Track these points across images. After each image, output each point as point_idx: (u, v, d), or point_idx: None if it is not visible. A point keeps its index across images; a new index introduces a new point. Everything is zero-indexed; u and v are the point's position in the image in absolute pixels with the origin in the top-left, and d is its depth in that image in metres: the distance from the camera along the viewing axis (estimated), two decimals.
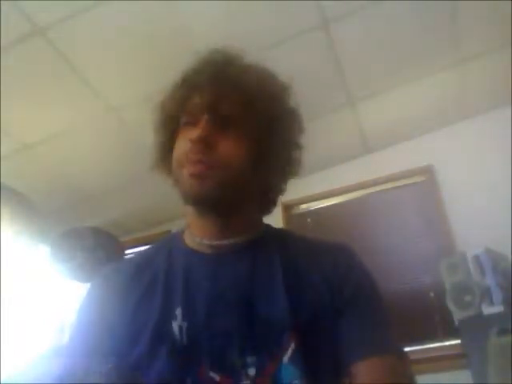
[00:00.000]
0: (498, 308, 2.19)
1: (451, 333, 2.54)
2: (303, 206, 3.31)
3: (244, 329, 0.69)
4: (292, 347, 0.67)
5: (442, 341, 2.66)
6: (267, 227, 0.86)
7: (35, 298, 3.08)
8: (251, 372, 0.66)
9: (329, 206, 3.26)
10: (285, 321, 0.69)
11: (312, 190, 3.14)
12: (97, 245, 2.92)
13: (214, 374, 0.67)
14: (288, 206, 3.24)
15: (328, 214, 3.25)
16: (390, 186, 3.12)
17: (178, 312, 0.71)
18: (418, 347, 2.64)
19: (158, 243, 0.87)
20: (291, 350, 0.67)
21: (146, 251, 0.86)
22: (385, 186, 3.13)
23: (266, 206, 0.86)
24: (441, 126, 3.02)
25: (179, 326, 0.69)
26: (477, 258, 2.34)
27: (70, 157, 2.74)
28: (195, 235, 0.79)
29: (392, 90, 2.70)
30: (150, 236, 3.50)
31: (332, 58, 2.39)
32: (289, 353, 0.67)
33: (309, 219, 3.29)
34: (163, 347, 0.68)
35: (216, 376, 0.66)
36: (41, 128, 2.50)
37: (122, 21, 2.01)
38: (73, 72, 2.20)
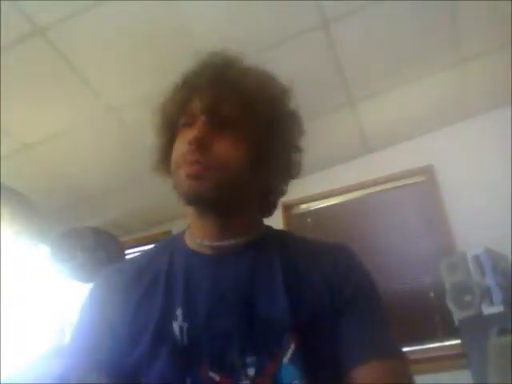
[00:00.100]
0: (498, 308, 2.19)
1: (451, 333, 2.54)
2: (303, 206, 3.32)
3: (244, 329, 0.69)
4: (292, 347, 0.68)
5: (442, 341, 2.66)
6: (267, 228, 0.86)
7: (35, 298, 3.08)
8: (251, 372, 0.67)
9: (329, 206, 3.26)
10: (285, 321, 0.69)
11: (312, 190, 3.14)
12: (97, 245, 2.92)
13: (213, 374, 0.67)
14: (288, 206, 3.24)
15: (328, 214, 3.25)
16: (390, 186, 3.12)
17: (179, 313, 0.71)
18: (418, 347, 2.64)
19: (159, 244, 0.87)
20: (291, 351, 0.67)
21: (147, 252, 0.86)
22: (385, 186, 3.13)
23: (267, 207, 0.86)
24: (441, 126, 3.02)
25: (180, 326, 0.70)
26: (477, 258, 2.34)
27: (70, 157, 2.74)
28: (196, 236, 0.80)
29: (392, 90, 2.70)
30: (150, 236, 3.50)
31: (332, 58, 2.39)
32: (289, 353, 0.67)
33: (309, 219, 3.29)
34: (164, 347, 0.68)
35: (216, 376, 0.67)
36: (41, 128, 2.50)
37: (122, 21, 2.01)
38: (73, 72, 2.20)
